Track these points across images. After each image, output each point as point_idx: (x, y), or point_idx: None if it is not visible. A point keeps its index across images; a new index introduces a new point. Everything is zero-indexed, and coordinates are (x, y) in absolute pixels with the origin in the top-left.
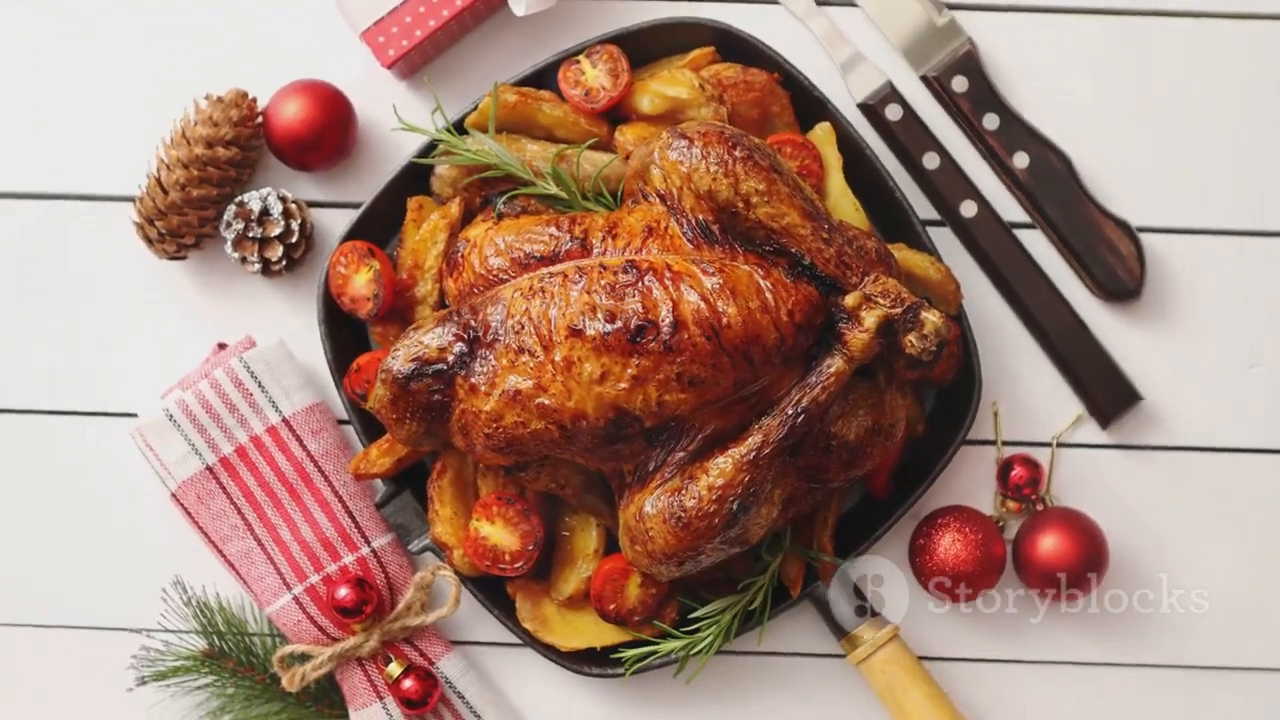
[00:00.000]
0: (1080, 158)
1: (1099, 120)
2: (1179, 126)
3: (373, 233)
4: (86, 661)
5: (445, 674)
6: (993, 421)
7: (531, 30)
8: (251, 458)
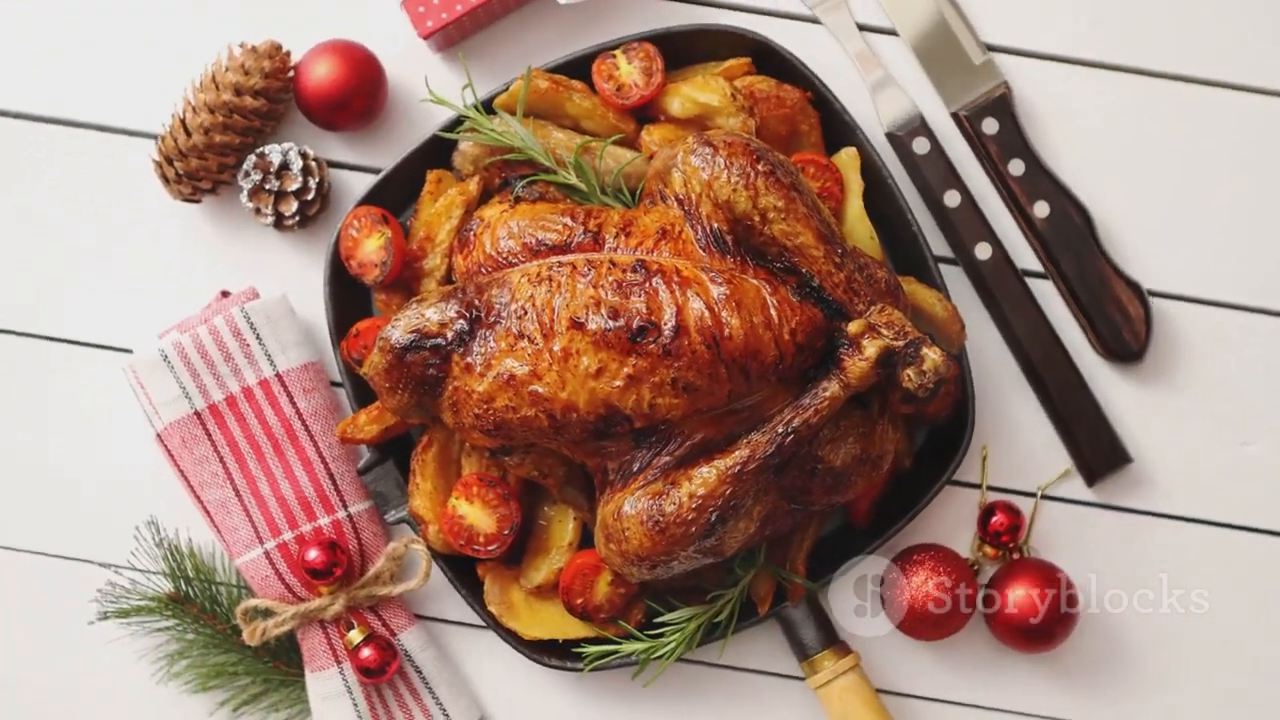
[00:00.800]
0: (1100, 214)
1: (1124, 179)
2: (1203, 195)
3: (389, 200)
4: (51, 589)
5: (405, 646)
6: (980, 465)
7: (571, 19)
8: (240, 408)
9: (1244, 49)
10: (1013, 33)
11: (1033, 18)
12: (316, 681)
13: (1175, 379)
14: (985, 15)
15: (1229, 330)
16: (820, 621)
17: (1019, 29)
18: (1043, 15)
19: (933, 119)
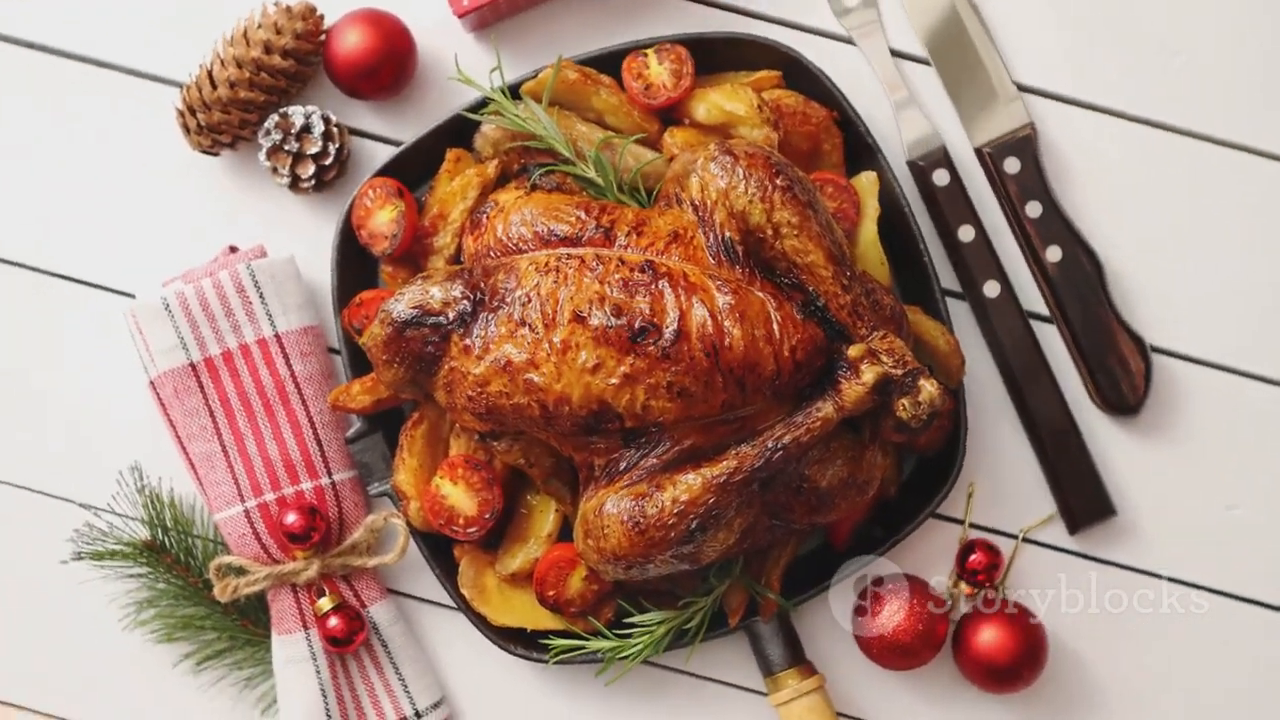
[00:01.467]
0: (1112, 264)
1: (1140, 232)
2: (1219, 258)
3: (406, 174)
4: (28, 524)
5: (374, 619)
6: (965, 501)
7: (608, 13)
8: (236, 364)
9: (1275, 115)
10: (1044, 74)
11: (1066, 62)
12: (282, 644)
13: (1169, 436)
14: (1019, 54)
15: (1227, 393)
16: (789, 639)
17: (1051, 71)
18: (1076, 60)
19: (955, 151)
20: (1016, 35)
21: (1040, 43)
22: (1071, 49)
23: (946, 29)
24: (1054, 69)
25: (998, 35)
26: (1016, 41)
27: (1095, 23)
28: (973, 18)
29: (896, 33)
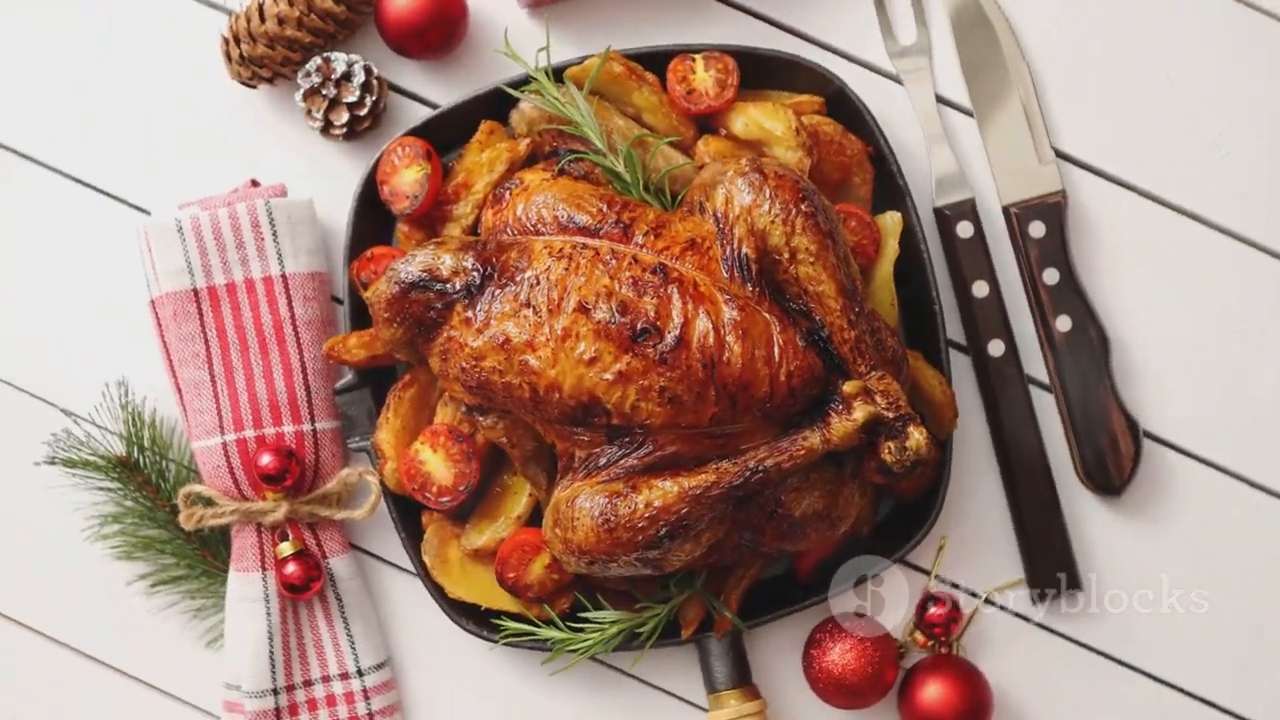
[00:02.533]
0: (1120, 343)
1: (1154, 317)
2: (1229, 355)
3: (437, 137)
4: (7, 419)
5: (333, 571)
6: (935, 553)
7: (663, 12)
8: (238, 297)
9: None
10: (1084, 145)
11: (1107, 137)
12: (238, 581)
13: (1148, 522)
14: (1062, 120)
15: (1213, 490)
16: (738, 660)
17: (1091, 143)
18: (1117, 137)
19: (983, 205)
20: (1063, 101)
21: (1085, 114)
22: (1115, 125)
23: (994, 84)
24: (1094, 141)
25: (1045, 98)
26: (1062, 107)
27: (1143, 103)
28: (1023, 78)
29: (945, 79)
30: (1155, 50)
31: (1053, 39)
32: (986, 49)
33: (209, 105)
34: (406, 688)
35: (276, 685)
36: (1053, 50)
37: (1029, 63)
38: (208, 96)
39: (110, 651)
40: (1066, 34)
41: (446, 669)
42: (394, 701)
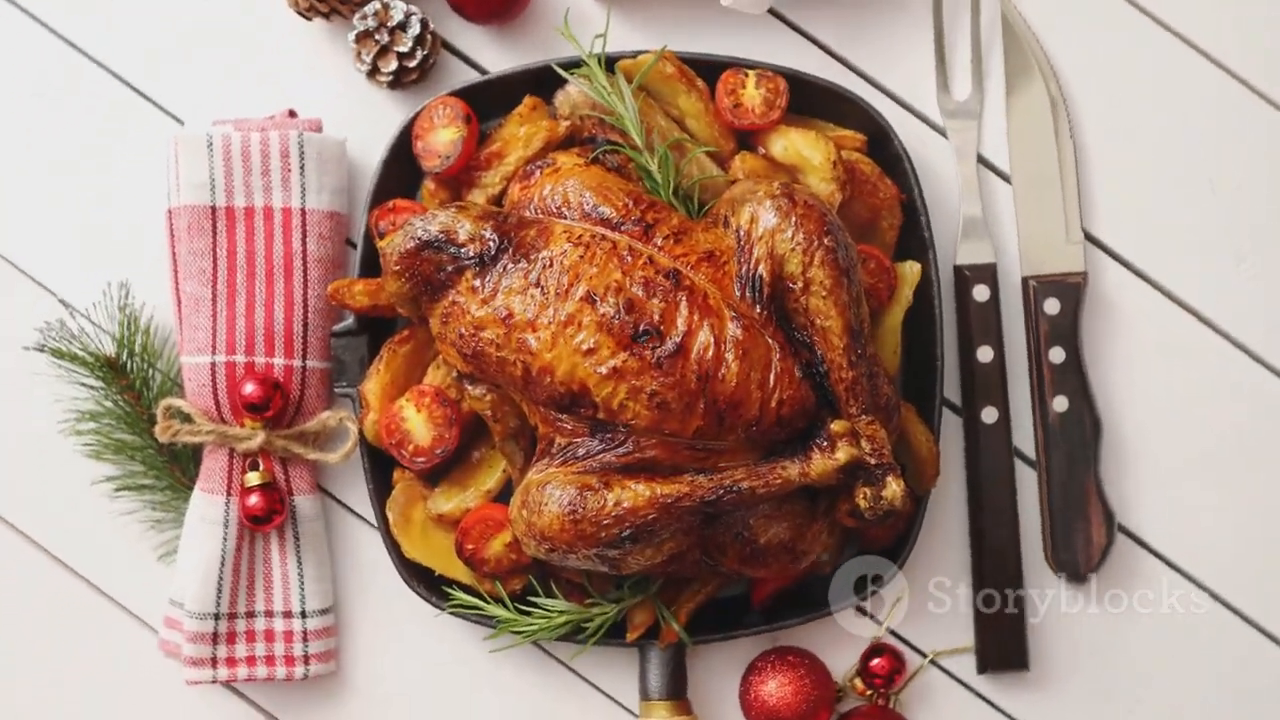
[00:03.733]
0: (1112, 433)
1: (1151, 415)
2: (1221, 469)
3: (479, 102)
4: (4, 298)
5: (297, 509)
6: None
7: (726, 22)
8: (254, 223)
9: None
10: (1115, 232)
11: (1140, 229)
12: (201, 501)
13: (1106, 615)
14: (1097, 203)
15: (1178, 597)
16: (676, 673)
17: (1123, 232)
18: (1150, 231)
19: (1003, 269)
20: (1101, 185)
21: (1121, 202)
22: (1148, 218)
23: (1037, 156)
24: (1125, 231)
25: (1084, 178)
26: (1099, 190)
27: (1180, 203)
28: (1067, 155)
29: (990, 141)
30: (1203, 153)
31: (1104, 123)
32: (1036, 120)
33: (262, 30)
34: (346, 637)
35: (219, 610)
36: (1102, 134)
37: (1075, 140)
38: (262, 22)
39: (62, 546)
40: (1119, 121)
41: (389, 627)
42: (331, 648)
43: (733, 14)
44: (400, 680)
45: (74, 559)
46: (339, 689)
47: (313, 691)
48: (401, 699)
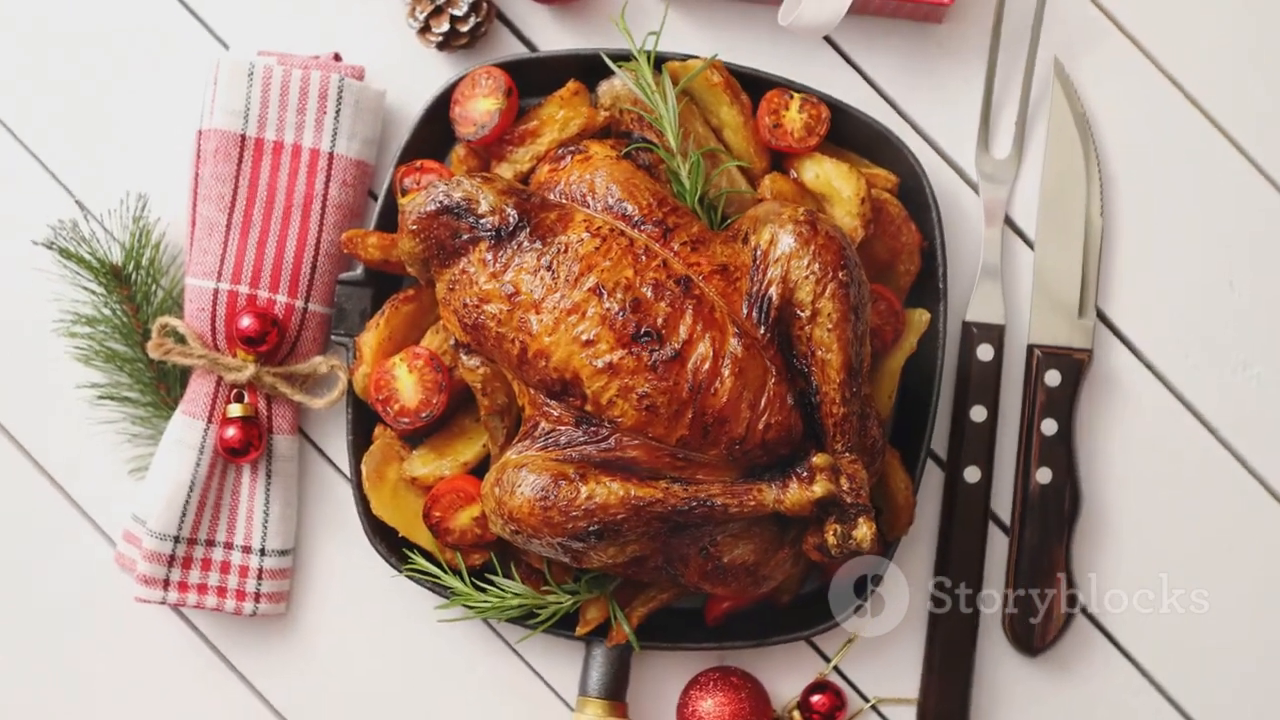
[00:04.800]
0: (1091, 515)
1: (1133, 503)
2: (1194, 573)
3: (523, 78)
4: (24, 192)
5: (274, 447)
6: (841, 646)
7: (780, 41)
8: (281, 159)
9: None
10: (1127, 316)
11: (1153, 317)
12: (181, 424)
13: (1054, 690)
14: (1116, 283)
15: (1128, 690)
16: (619, 674)
17: (1136, 318)
18: (1163, 321)
19: (1010, 332)
20: (1123, 267)
21: (1139, 287)
22: (1164, 308)
23: (1064, 228)
24: (1138, 317)
25: (1107, 257)
26: (1119, 272)
27: (1197, 297)
28: (1094, 232)
29: (1020, 203)
30: (1229, 253)
31: (1137, 205)
32: (1070, 192)
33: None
34: (300, 582)
35: (180, 534)
36: (1133, 216)
37: (1105, 219)
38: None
39: (35, 442)
40: (1152, 206)
41: (343, 579)
42: (284, 590)
43: (789, 33)
44: (345, 633)
45: (45, 457)
46: (284, 631)
47: (258, 629)
48: (344, 651)
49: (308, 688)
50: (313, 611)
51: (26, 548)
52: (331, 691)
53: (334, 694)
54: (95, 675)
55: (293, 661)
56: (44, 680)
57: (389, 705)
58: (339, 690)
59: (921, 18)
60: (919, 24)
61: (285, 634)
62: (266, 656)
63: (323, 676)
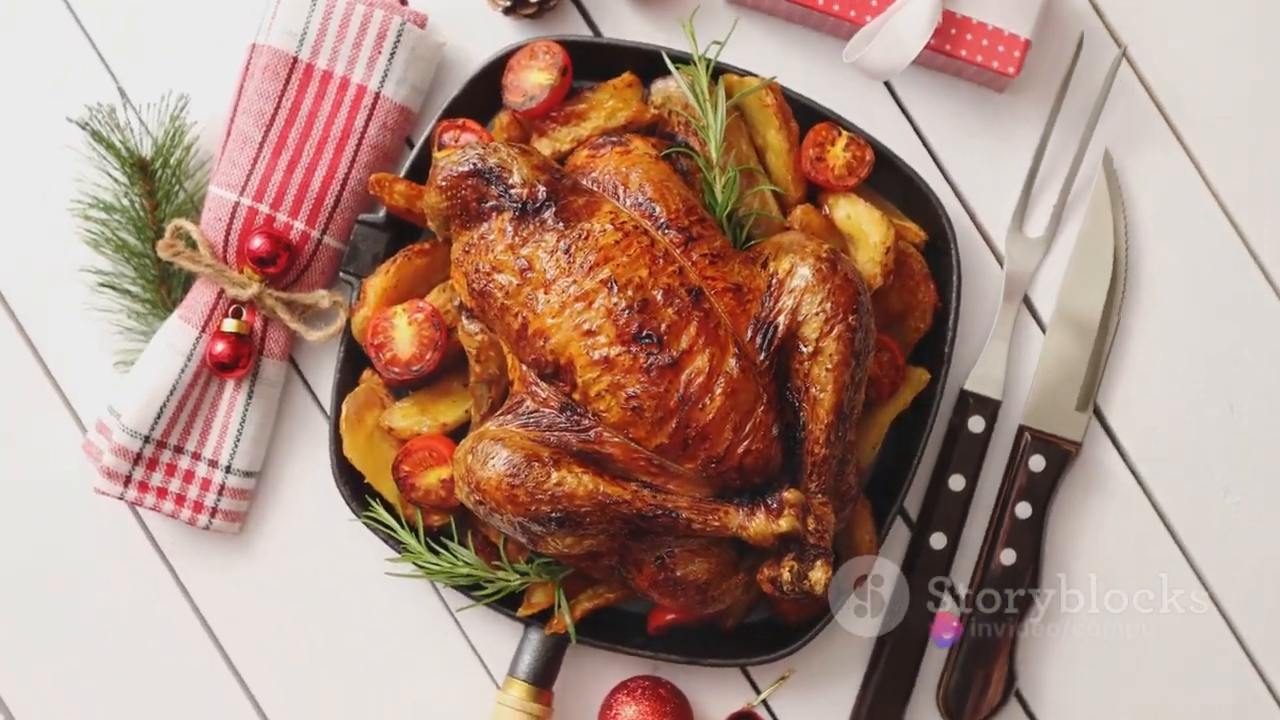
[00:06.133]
0: (1047, 602)
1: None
2: (1136, 687)
3: (580, 60)
4: (70, 72)
5: (261, 369)
6: (774, 681)
7: (841, 74)
8: (328, 88)
9: (1270, 615)
10: (1124, 420)
11: (1149, 426)
12: (174, 327)
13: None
14: (1119, 385)
15: None
16: (550, 662)
17: (1133, 423)
18: (1158, 432)
19: (1004, 410)
20: (1129, 372)
21: (1142, 394)
22: (1159, 417)
23: (1079, 321)
24: (1133, 420)
25: (1115, 357)
26: (1124, 375)
27: (1196, 413)
28: (1109, 332)
29: (1041, 286)
30: (1237, 377)
31: (1155, 311)
32: (1093, 287)
33: None
34: (258, 506)
35: (151, 435)
36: (1150, 322)
37: (1121, 317)
38: None
39: (28, 314)
40: (1170, 317)
41: (301, 514)
42: (241, 510)
43: (851, 72)
44: (292, 566)
45: (35, 331)
46: (233, 551)
47: (208, 544)
48: (286, 582)
49: (244, 610)
50: (265, 539)
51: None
52: (265, 618)
53: (267, 621)
54: (39, 556)
55: (235, 582)
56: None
57: (319, 645)
58: (272, 618)
59: (984, 83)
60: (980, 88)
61: (233, 554)
62: (210, 572)
63: (260, 602)
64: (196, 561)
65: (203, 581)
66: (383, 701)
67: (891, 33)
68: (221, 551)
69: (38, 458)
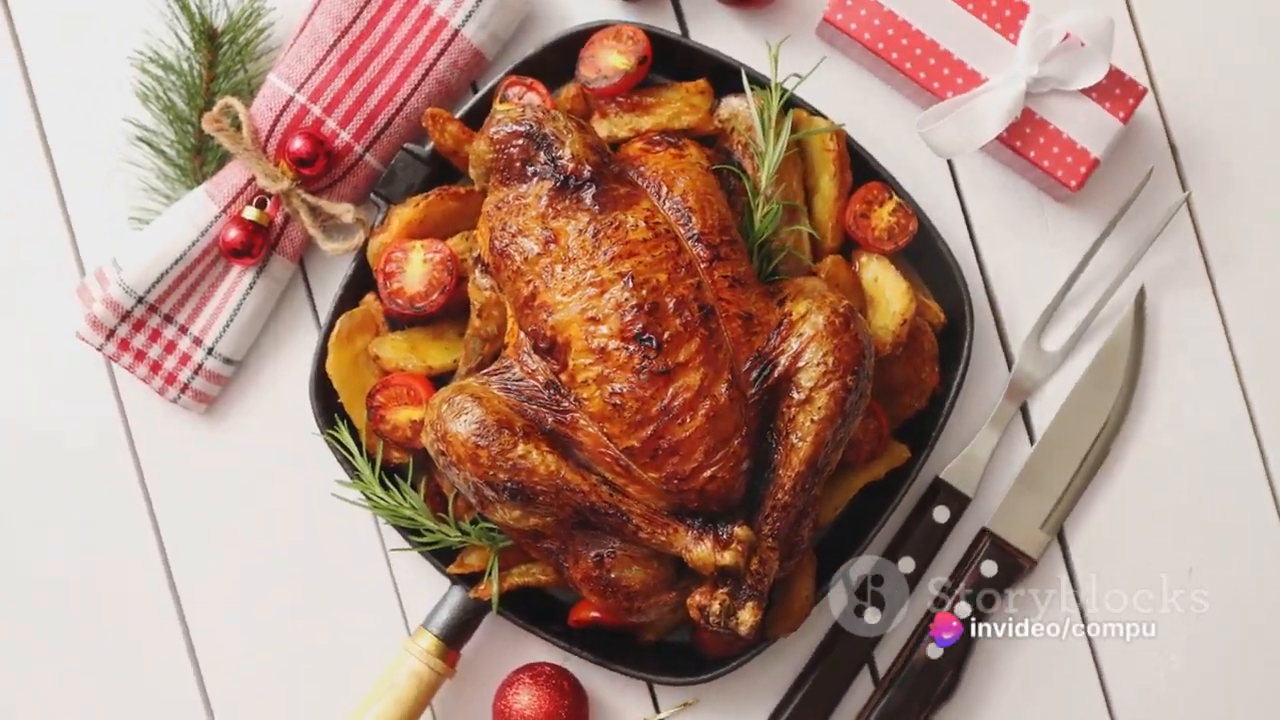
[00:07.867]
0: (960, 708)
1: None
2: None
3: (661, 54)
4: None
5: (268, 264)
6: (676, 706)
7: (907, 138)
8: (411, 12)
9: None
10: (1086, 553)
11: (1107, 568)
12: (196, 199)
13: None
14: (1089, 516)
15: None
16: (465, 626)
17: (1091, 558)
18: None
19: (972, 509)
20: (1102, 507)
21: (1107, 531)
22: (1119, 562)
23: (1068, 447)
24: (1092, 556)
25: (1094, 491)
26: (1097, 510)
27: (1153, 566)
28: (1092, 465)
29: (1042, 401)
30: (1205, 545)
31: (1146, 458)
32: (1089, 418)
33: None
34: (227, 397)
35: (145, 297)
36: (1138, 466)
37: (1110, 457)
38: None
39: (56, 139)
40: (1159, 467)
41: (267, 413)
42: (212, 394)
43: (918, 137)
44: (245, 462)
45: (60, 158)
46: (194, 431)
47: (169, 416)
48: (232, 474)
49: (188, 492)
50: (227, 428)
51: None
52: (206, 505)
53: (207, 508)
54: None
55: (187, 461)
56: None
57: (250, 545)
58: (212, 507)
59: (1044, 189)
60: (1039, 192)
61: (193, 434)
62: (165, 444)
63: (206, 489)
64: (155, 431)
65: (156, 452)
66: (295, 615)
67: (968, 114)
68: (182, 428)
69: (29, 289)
